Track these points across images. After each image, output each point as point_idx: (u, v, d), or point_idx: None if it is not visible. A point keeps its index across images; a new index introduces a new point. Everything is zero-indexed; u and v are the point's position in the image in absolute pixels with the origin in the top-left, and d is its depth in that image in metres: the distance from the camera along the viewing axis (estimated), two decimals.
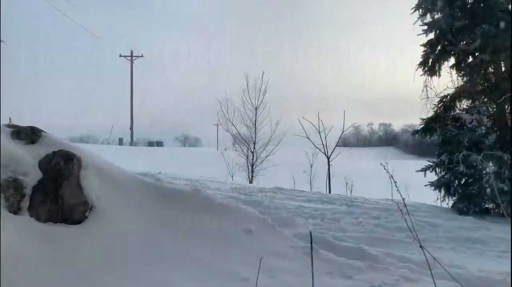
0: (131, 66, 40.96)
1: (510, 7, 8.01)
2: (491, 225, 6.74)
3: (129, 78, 40.70)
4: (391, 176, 1.87)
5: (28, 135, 3.84)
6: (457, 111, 8.96)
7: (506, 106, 8.36)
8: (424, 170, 8.97)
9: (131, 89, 41.31)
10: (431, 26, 8.88)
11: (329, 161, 14.48)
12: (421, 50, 9.12)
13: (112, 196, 3.91)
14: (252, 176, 16.51)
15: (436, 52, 8.97)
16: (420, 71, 9.18)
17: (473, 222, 6.90)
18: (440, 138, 8.99)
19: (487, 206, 8.32)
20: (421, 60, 9.12)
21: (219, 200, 4.80)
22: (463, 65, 8.73)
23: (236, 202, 5.92)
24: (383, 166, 1.98)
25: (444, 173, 8.71)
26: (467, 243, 5.34)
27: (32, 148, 3.73)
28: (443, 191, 8.83)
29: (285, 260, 3.66)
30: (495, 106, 8.53)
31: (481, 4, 8.37)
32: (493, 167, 7.94)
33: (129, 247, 3.42)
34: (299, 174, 15.22)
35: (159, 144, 59.60)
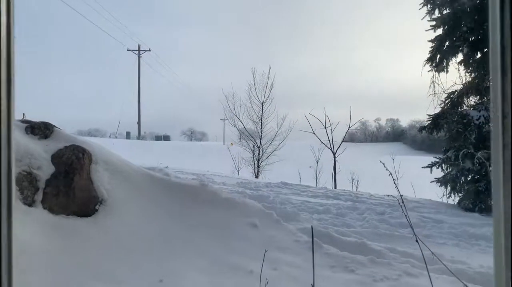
0: (138, 61, 41.21)
1: None
2: None
3: (137, 73, 40.97)
4: (391, 173, 1.93)
5: (41, 130, 3.95)
6: (465, 108, 8.93)
7: None
8: (430, 166, 8.97)
9: (139, 84, 41.63)
10: (439, 22, 8.82)
11: (335, 156, 14.50)
12: (428, 46, 9.09)
13: (121, 189, 4.02)
14: (258, 171, 16.62)
15: (444, 47, 8.92)
16: (427, 67, 9.16)
17: (478, 219, 6.90)
18: (447, 135, 8.98)
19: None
20: (428, 56, 9.08)
21: (225, 194, 4.88)
22: (471, 61, 8.67)
23: (242, 197, 6.01)
24: (382, 164, 2.04)
25: (450, 169, 8.71)
26: (471, 239, 5.36)
27: (45, 142, 3.84)
28: (449, 187, 8.84)
29: (289, 253, 3.74)
30: None
31: None
32: None
33: (138, 239, 3.54)
34: (305, 169, 15.28)
35: (166, 138, 60.10)
